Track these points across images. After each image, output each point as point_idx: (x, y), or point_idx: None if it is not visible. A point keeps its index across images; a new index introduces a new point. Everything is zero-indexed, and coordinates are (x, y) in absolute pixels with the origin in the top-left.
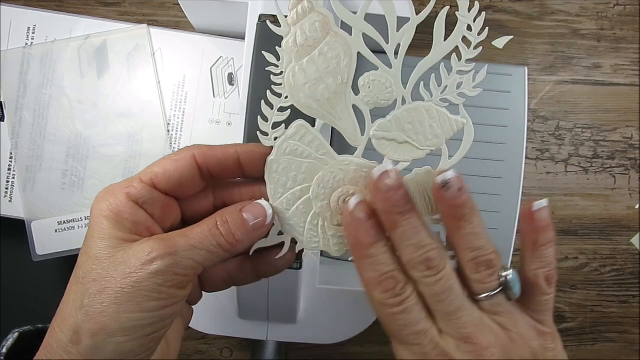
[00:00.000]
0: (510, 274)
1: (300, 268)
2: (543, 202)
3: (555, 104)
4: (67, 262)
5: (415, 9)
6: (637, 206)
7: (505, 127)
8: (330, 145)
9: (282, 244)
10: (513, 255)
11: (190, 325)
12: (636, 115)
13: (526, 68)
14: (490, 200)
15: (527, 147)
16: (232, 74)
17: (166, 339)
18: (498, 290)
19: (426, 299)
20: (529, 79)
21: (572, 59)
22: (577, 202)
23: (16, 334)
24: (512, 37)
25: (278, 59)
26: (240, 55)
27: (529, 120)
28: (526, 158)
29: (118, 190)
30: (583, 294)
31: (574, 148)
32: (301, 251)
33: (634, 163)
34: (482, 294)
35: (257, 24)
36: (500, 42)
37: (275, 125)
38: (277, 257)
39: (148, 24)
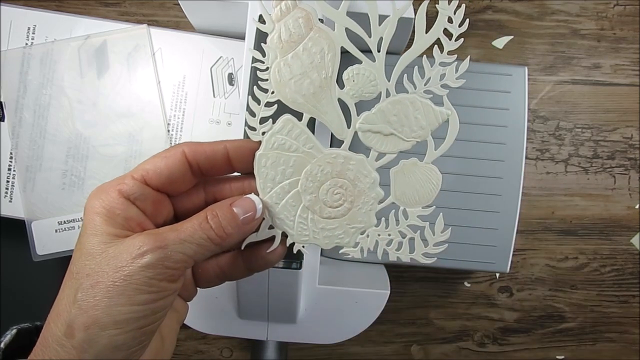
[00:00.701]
0: None
1: (300, 268)
2: None
3: (555, 104)
4: (67, 262)
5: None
6: (637, 206)
7: (505, 127)
8: (331, 139)
9: (272, 238)
10: (513, 255)
11: (190, 325)
12: (636, 115)
13: (526, 68)
14: (490, 200)
15: (527, 147)
16: (232, 74)
17: (160, 334)
18: None
19: None
20: (529, 79)
21: (572, 59)
22: (577, 202)
23: (14, 331)
24: (512, 37)
25: (263, 55)
26: (240, 55)
27: (529, 120)
28: (526, 158)
29: (110, 188)
30: (583, 294)
31: (574, 148)
32: (292, 245)
33: (633, 163)
34: None
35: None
36: (500, 42)
37: (263, 120)
38: (268, 251)
39: (148, 24)
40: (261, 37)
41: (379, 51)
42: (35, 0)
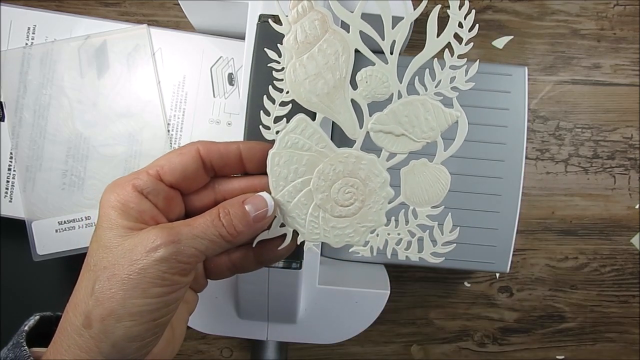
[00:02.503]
0: None
1: (300, 268)
2: None
3: (555, 104)
4: (67, 262)
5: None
6: (637, 206)
7: (505, 127)
8: (331, 139)
9: (283, 236)
10: (513, 255)
11: (190, 325)
12: (636, 115)
13: (526, 68)
14: (490, 200)
15: (527, 147)
16: (232, 74)
17: (170, 324)
18: None
19: None
20: (529, 79)
21: (572, 59)
22: (577, 202)
23: (37, 317)
24: (512, 37)
25: (279, 55)
26: (240, 55)
27: (529, 120)
28: (526, 158)
29: (125, 182)
30: (583, 294)
31: (574, 148)
32: (302, 242)
33: (633, 163)
34: None
35: (257, 24)
36: (500, 42)
37: (277, 119)
38: (279, 249)
39: (148, 24)
40: (262, 36)
41: (391, 53)
42: (35, 0)
